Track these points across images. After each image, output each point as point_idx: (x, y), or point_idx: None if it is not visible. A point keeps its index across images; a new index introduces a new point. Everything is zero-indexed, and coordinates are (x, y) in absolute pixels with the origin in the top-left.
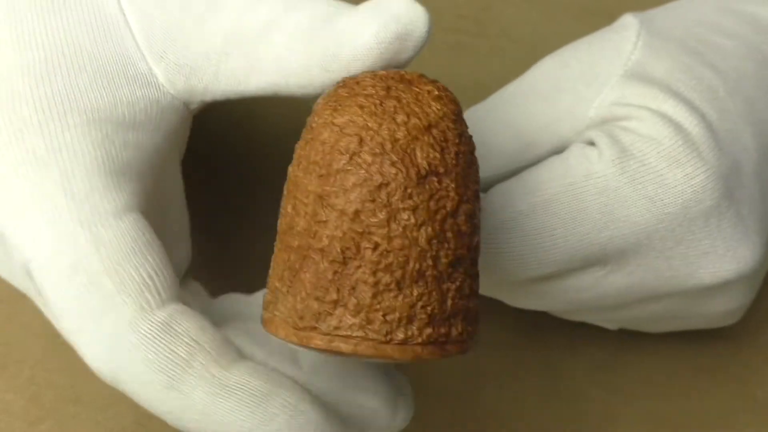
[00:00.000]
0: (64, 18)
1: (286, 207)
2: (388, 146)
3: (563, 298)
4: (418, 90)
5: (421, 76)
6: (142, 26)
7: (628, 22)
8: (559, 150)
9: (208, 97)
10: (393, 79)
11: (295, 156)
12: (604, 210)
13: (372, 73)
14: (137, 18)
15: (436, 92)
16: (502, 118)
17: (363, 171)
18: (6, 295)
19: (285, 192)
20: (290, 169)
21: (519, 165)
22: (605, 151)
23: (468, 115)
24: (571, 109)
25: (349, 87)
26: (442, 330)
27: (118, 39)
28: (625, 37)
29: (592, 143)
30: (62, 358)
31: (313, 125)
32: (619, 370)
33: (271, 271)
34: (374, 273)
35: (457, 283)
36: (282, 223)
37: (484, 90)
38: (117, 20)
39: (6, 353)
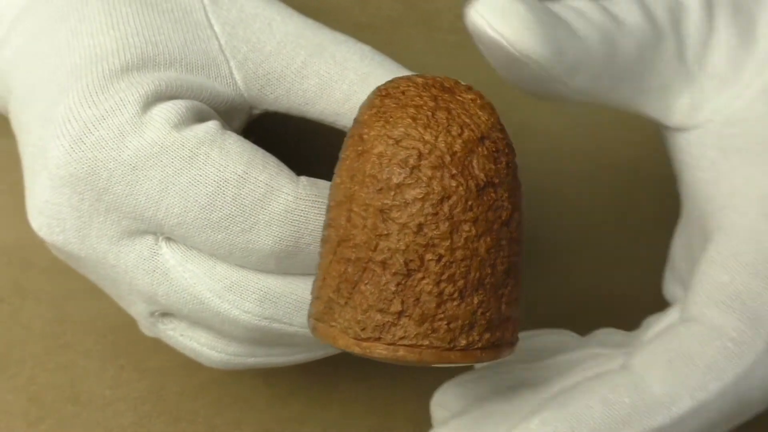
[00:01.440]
0: (157, 15)
1: (339, 219)
2: (447, 159)
3: None
4: (461, 99)
5: (457, 82)
6: (227, 35)
7: None
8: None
9: (273, 108)
10: (435, 87)
11: (343, 167)
12: None
13: (411, 81)
14: (222, 27)
15: (479, 101)
16: None
17: (424, 185)
18: (6, 295)
19: (332, 203)
20: (338, 180)
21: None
22: None
23: None
24: None
25: (394, 97)
26: (498, 333)
27: (205, 41)
28: None
29: None
30: (62, 358)
31: (365, 137)
32: None
33: (320, 282)
34: (438, 284)
35: (509, 288)
36: (333, 235)
37: (485, 90)
38: (204, 25)
39: (6, 353)
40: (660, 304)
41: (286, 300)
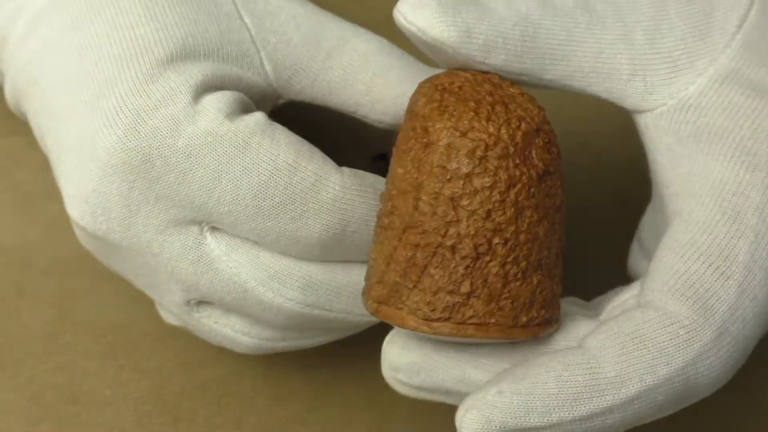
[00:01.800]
0: (191, 7)
1: (404, 207)
2: (511, 150)
3: None
4: (511, 93)
5: (501, 78)
6: (257, 26)
7: None
8: None
9: (299, 98)
10: (486, 83)
11: (407, 158)
12: None
13: (463, 77)
14: (252, 19)
15: (525, 95)
16: None
17: (492, 174)
18: (6, 295)
19: (393, 192)
20: (400, 170)
21: None
22: None
23: None
24: None
25: (453, 92)
26: (550, 310)
27: (237, 32)
28: None
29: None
30: (62, 358)
31: (429, 129)
32: None
33: (382, 267)
34: (503, 265)
35: (558, 269)
36: (397, 222)
37: None
38: (235, 16)
39: (6, 353)
40: None
41: (327, 287)
